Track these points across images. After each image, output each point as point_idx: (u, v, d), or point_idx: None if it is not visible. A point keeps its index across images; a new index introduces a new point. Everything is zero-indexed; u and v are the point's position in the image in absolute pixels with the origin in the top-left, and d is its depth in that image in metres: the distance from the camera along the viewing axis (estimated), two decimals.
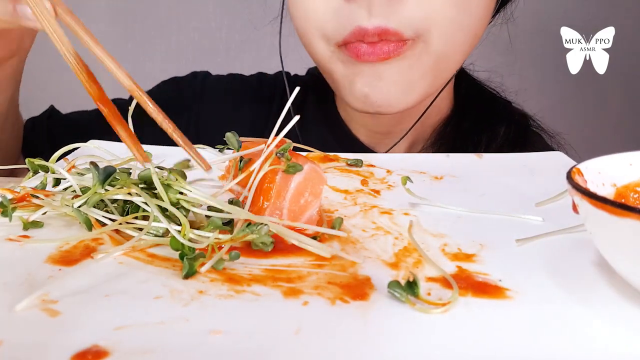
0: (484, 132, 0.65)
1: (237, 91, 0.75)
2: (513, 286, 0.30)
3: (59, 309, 0.27)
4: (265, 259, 0.32)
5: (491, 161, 0.52)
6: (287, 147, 0.38)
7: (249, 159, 0.39)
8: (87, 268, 0.31)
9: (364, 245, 0.34)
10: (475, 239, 0.35)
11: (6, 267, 0.31)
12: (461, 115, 0.67)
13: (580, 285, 0.30)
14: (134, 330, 0.25)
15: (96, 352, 0.23)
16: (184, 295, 0.28)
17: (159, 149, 0.54)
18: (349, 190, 0.44)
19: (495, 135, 0.65)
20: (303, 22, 0.57)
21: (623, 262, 0.28)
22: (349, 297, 0.28)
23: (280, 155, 0.37)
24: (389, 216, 0.39)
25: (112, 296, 0.28)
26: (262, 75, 0.77)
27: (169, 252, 0.33)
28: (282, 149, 0.37)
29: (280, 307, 0.28)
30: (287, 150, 0.37)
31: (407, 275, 0.30)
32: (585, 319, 0.27)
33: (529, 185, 0.45)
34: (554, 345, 0.25)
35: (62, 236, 0.35)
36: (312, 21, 0.55)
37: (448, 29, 0.54)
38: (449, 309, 0.27)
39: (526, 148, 0.58)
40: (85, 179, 0.39)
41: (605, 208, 0.25)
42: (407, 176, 0.42)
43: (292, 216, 0.36)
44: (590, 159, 0.32)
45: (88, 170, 0.45)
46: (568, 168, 0.31)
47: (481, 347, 0.25)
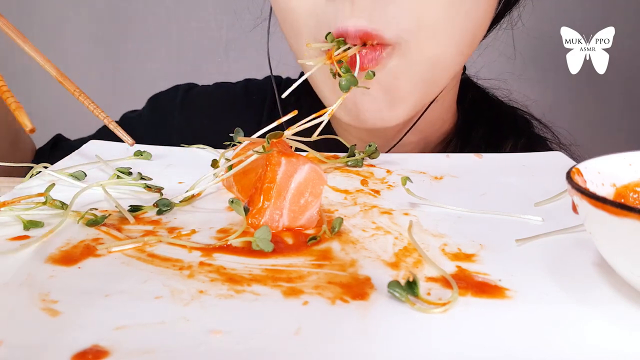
0: (490, 146, 0.62)
1: (223, 100, 0.74)
2: (513, 286, 0.30)
3: (59, 309, 0.27)
4: (265, 259, 0.32)
5: (491, 161, 0.52)
6: (277, 134, 0.38)
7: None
8: (87, 268, 0.31)
9: (364, 245, 0.34)
10: (475, 239, 0.35)
11: (6, 267, 0.31)
12: (467, 127, 0.65)
13: (580, 285, 0.30)
14: (134, 330, 0.25)
15: (96, 352, 0.23)
16: (184, 295, 0.28)
17: (159, 149, 0.54)
18: (349, 190, 0.45)
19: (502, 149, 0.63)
20: (284, 23, 0.54)
21: (623, 262, 0.28)
22: (348, 297, 0.28)
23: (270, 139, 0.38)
24: (389, 216, 0.39)
25: (112, 296, 0.28)
26: (248, 82, 0.76)
27: (169, 252, 0.33)
28: (271, 135, 0.38)
29: (280, 307, 0.28)
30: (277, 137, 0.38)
31: (407, 275, 0.30)
32: (585, 319, 0.27)
33: (529, 185, 0.45)
34: (554, 345, 0.25)
35: (62, 236, 0.35)
36: (293, 22, 0.52)
37: (439, 31, 0.49)
38: (449, 308, 0.27)
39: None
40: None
41: (605, 208, 0.26)
42: (407, 176, 0.42)
43: (292, 216, 0.36)
44: (590, 159, 0.32)
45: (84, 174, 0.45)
46: (568, 168, 0.31)
47: (481, 347, 0.25)
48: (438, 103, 0.59)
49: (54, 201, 0.38)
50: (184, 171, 0.49)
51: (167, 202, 0.39)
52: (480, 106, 0.67)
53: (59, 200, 0.38)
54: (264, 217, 0.36)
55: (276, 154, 0.37)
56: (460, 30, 0.51)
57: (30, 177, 0.44)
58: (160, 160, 0.52)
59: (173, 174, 0.47)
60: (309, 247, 0.34)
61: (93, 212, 0.37)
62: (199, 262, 0.32)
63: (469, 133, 0.64)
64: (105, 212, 0.38)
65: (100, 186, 0.41)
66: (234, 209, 0.35)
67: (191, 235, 0.35)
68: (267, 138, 0.38)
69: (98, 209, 0.38)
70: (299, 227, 0.37)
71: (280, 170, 0.36)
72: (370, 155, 0.52)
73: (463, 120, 0.66)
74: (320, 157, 0.51)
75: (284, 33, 0.57)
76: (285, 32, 0.56)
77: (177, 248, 0.33)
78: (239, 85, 0.76)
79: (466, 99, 0.67)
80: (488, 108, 0.68)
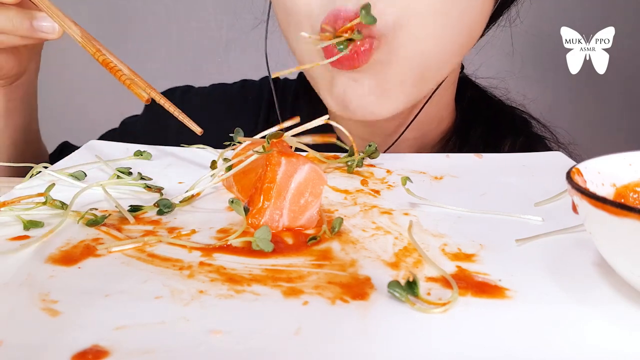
0: (489, 146, 0.62)
1: (219, 101, 0.73)
2: (513, 286, 0.30)
3: (59, 309, 0.27)
4: (265, 259, 0.32)
5: (491, 161, 0.52)
6: (277, 134, 0.38)
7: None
8: (87, 268, 0.31)
9: (364, 245, 0.34)
10: (475, 239, 0.35)
11: (6, 267, 0.31)
12: (465, 126, 0.65)
13: (580, 285, 0.30)
14: (134, 330, 0.25)
15: (96, 352, 0.23)
16: (184, 295, 0.28)
17: (159, 149, 0.54)
18: (349, 190, 0.45)
19: (501, 148, 0.63)
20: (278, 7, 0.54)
21: (623, 262, 0.28)
22: (348, 297, 0.28)
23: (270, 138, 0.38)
24: (389, 216, 0.39)
25: (112, 296, 0.28)
26: (245, 82, 0.76)
27: (169, 252, 0.33)
28: (271, 135, 0.38)
29: (280, 307, 0.28)
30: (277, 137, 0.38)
31: (407, 275, 0.30)
32: (585, 319, 0.27)
33: (529, 185, 0.45)
34: (554, 345, 0.25)
35: (62, 236, 0.35)
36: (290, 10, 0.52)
37: (431, 23, 0.48)
38: (449, 308, 0.27)
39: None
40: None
41: (605, 208, 0.26)
42: (407, 176, 0.42)
43: (293, 216, 0.36)
44: (590, 158, 0.32)
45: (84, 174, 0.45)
46: (568, 168, 0.31)
47: (481, 347, 0.25)
48: (435, 100, 0.59)
49: (54, 201, 0.38)
50: (184, 171, 0.49)
51: (168, 202, 0.39)
52: (478, 105, 0.67)
53: (59, 200, 0.38)
54: (264, 217, 0.36)
55: (276, 154, 0.37)
56: (454, 26, 0.50)
57: (30, 177, 0.44)
58: (160, 160, 0.52)
59: (173, 174, 0.47)
60: (309, 247, 0.34)
61: (93, 212, 0.37)
62: (199, 262, 0.32)
63: (467, 132, 0.64)
64: (105, 212, 0.38)
65: (100, 186, 0.41)
66: (234, 209, 0.35)
67: (191, 235, 0.35)
68: (267, 138, 0.38)
69: (98, 209, 0.38)
70: (299, 227, 0.37)
71: (280, 170, 0.36)
72: (370, 155, 0.52)
73: (461, 119, 0.66)
74: (320, 157, 0.51)
75: (280, 25, 0.56)
76: (281, 23, 0.55)
77: (177, 248, 0.33)
78: (235, 86, 0.76)
79: (464, 97, 0.67)
80: (486, 107, 0.68)
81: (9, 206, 0.37)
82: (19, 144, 0.61)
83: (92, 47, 0.46)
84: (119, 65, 0.46)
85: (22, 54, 0.55)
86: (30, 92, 0.60)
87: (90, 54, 0.46)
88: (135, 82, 0.44)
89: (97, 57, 0.46)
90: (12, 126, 0.60)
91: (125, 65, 0.47)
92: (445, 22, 0.49)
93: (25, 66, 0.56)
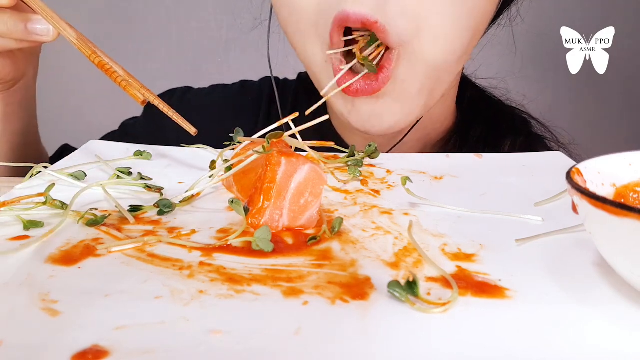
0: (489, 146, 0.63)
1: (219, 102, 0.73)
2: (513, 286, 0.30)
3: (59, 309, 0.27)
4: (265, 259, 0.32)
5: (491, 161, 0.52)
6: (277, 134, 0.38)
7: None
8: (87, 268, 0.31)
9: (364, 245, 0.34)
10: (475, 239, 0.35)
11: (6, 267, 0.31)
12: (466, 126, 0.65)
13: (580, 285, 0.30)
14: (134, 330, 0.25)
15: (96, 352, 0.23)
16: (184, 295, 0.28)
17: (159, 149, 0.54)
18: (349, 190, 0.45)
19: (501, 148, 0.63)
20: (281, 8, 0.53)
21: (622, 262, 0.28)
22: (348, 297, 0.28)
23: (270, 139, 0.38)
24: (389, 216, 0.39)
25: (112, 296, 0.28)
26: (244, 83, 0.76)
27: (169, 252, 0.33)
28: (271, 135, 0.38)
29: (280, 307, 0.28)
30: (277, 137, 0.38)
31: (407, 275, 0.30)
32: (585, 319, 0.27)
33: (529, 185, 0.45)
34: (554, 345, 0.25)
35: (62, 236, 0.35)
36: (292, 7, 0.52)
37: (443, 28, 0.49)
38: (449, 308, 0.27)
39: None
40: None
41: (605, 208, 0.26)
42: (407, 176, 0.42)
43: (292, 216, 0.36)
44: (590, 159, 0.32)
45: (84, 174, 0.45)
46: (568, 168, 0.31)
47: (481, 347, 0.25)
48: (440, 101, 0.59)
49: (54, 201, 0.38)
50: (184, 171, 0.49)
51: (168, 203, 0.39)
52: (478, 105, 0.67)
53: (59, 200, 0.38)
54: (264, 217, 0.36)
55: (276, 154, 0.37)
56: (464, 29, 0.51)
57: (30, 177, 0.44)
58: (160, 160, 0.52)
59: (173, 174, 0.47)
60: (309, 247, 0.34)
61: (93, 212, 0.37)
62: (199, 262, 0.32)
63: (467, 132, 0.65)
64: (105, 212, 0.38)
65: (100, 186, 0.41)
66: (234, 209, 0.35)
67: (191, 235, 0.35)
68: (267, 138, 0.38)
69: (98, 209, 0.38)
70: (299, 227, 0.37)
71: (280, 170, 0.36)
72: (370, 155, 0.52)
73: (461, 119, 0.66)
74: (320, 157, 0.51)
75: (281, 25, 0.56)
76: (283, 22, 0.55)
77: (177, 248, 0.33)
78: (234, 86, 0.76)
79: (464, 97, 0.67)
80: (486, 107, 0.68)
81: (9, 206, 0.37)
82: (18, 148, 0.61)
83: (87, 49, 0.46)
84: (114, 67, 0.46)
85: (19, 58, 0.54)
86: (28, 96, 0.60)
87: (85, 56, 0.46)
88: (130, 84, 0.44)
89: (93, 59, 0.46)
90: (10, 130, 0.60)
91: (120, 67, 0.46)
92: (456, 23, 0.50)
93: (23, 70, 0.56)
